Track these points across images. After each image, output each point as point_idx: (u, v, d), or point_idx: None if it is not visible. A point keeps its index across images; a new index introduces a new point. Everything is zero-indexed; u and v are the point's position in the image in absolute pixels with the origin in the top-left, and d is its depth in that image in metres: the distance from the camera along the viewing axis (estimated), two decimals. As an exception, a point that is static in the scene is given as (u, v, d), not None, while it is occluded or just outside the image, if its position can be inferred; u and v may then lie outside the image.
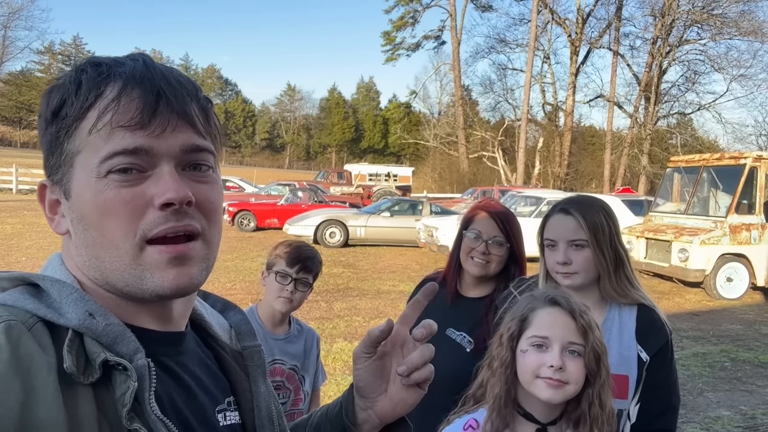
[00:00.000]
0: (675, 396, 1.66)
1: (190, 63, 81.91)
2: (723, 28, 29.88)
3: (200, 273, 0.68)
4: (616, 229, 1.67)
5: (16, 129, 61.76)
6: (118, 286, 0.66)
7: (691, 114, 34.92)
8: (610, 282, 1.63)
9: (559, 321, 1.32)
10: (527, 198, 14.16)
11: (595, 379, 1.30)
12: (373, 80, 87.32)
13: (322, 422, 0.87)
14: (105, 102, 0.65)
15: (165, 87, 0.66)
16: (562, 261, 1.62)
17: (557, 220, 1.67)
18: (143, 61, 0.69)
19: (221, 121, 0.78)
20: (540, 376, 1.28)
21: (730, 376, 5.81)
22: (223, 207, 10.21)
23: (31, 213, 15.74)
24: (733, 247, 9.74)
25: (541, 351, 1.30)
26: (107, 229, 0.65)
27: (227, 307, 0.88)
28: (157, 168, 0.66)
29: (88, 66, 0.67)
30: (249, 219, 15.81)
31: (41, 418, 0.54)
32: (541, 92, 38.97)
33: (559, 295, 1.38)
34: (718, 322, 8.18)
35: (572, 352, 1.29)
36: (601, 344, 1.32)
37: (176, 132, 0.66)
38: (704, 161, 10.94)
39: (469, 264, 1.98)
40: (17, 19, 38.04)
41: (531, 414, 1.33)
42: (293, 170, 66.30)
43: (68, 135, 0.66)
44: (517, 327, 1.36)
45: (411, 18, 45.04)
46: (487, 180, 34.24)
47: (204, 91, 0.73)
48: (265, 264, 2.17)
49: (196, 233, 0.67)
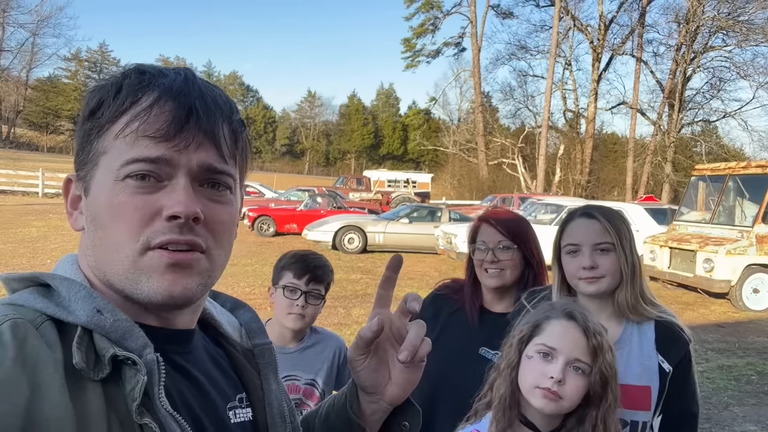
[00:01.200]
0: (696, 404, 1.64)
1: (212, 70, 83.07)
2: (749, 34, 29.38)
3: (197, 286, 0.68)
4: (633, 237, 1.64)
5: (43, 134, 63.14)
6: (117, 287, 0.67)
7: (716, 122, 34.43)
8: (627, 291, 1.58)
9: (570, 335, 1.32)
10: (547, 206, 14.03)
11: (601, 402, 1.29)
12: (392, 87, 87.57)
13: (330, 413, 0.87)
14: (138, 109, 0.66)
15: (199, 104, 0.68)
16: (589, 265, 1.56)
17: (580, 224, 1.62)
18: (185, 75, 0.70)
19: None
20: (539, 386, 1.28)
21: (756, 390, 5.66)
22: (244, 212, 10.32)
23: (57, 216, 16.04)
24: (759, 257, 9.51)
25: (546, 360, 1.31)
26: (114, 232, 0.66)
27: (237, 306, 0.89)
28: (173, 180, 0.67)
29: (132, 73, 0.69)
30: (268, 224, 15.90)
31: (47, 414, 0.55)
32: (562, 99, 38.81)
33: (578, 311, 1.37)
34: (744, 334, 8.00)
35: (576, 369, 1.29)
36: (611, 368, 1.31)
37: (200, 150, 0.68)
38: (730, 170, 10.73)
39: (485, 277, 1.92)
40: (46, 27, 39.06)
41: (532, 422, 1.33)
42: (313, 176, 66.64)
43: (99, 135, 0.68)
44: (529, 332, 1.37)
45: (431, 25, 45.19)
46: (506, 187, 34.06)
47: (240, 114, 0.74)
48: (271, 279, 1.97)
49: (199, 248, 0.68)
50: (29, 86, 54.26)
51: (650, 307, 1.62)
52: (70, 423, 0.56)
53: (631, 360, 1.57)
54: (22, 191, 23.04)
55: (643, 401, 1.54)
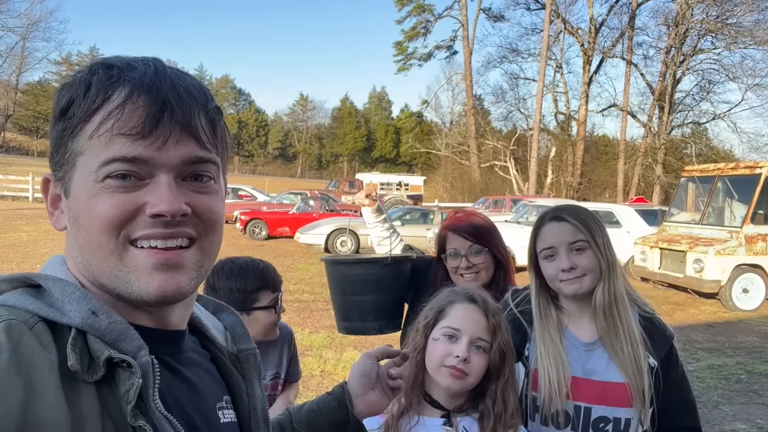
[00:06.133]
0: (691, 393, 1.68)
1: (204, 73, 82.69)
2: (737, 37, 29.61)
3: (190, 281, 0.68)
4: (606, 232, 1.65)
5: (33, 138, 62.70)
6: (109, 287, 0.66)
7: (705, 123, 34.59)
8: (604, 288, 1.58)
9: (472, 316, 1.42)
10: (539, 207, 14.09)
11: (500, 376, 1.40)
12: (385, 90, 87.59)
13: (315, 418, 0.92)
14: (110, 107, 0.65)
15: (172, 97, 0.66)
16: (568, 266, 1.57)
17: (552, 228, 1.63)
18: (155, 66, 0.68)
19: (234, 131, 0.78)
20: (445, 365, 1.38)
21: (746, 389, 5.71)
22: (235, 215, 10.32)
23: (47, 221, 15.82)
24: (748, 257, 9.60)
25: (451, 342, 1.40)
26: (95, 231, 0.65)
27: (219, 309, 0.88)
28: (155, 177, 0.66)
29: (99, 68, 0.67)
30: (261, 227, 15.86)
31: (42, 416, 0.55)
32: (553, 101, 38.93)
33: (478, 294, 1.48)
34: (734, 333, 8.05)
35: (478, 347, 1.40)
36: (507, 345, 1.42)
37: (179, 144, 0.66)
38: (719, 171, 10.82)
39: (462, 282, 1.99)
40: (35, 31, 38.73)
41: (437, 401, 1.42)
42: (305, 179, 66.49)
43: (73, 135, 0.66)
44: (434, 317, 1.47)
45: (423, 28, 45.25)
46: (498, 189, 34.13)
47: (217, 101, 0.73)
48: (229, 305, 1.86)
49: (189, 236, 0.67)
50: (19, 90, 53.81)
51: (630, 304, 1.63)
52: (65, 425, 0.55)
53: (612, 357, 1.58)
54: (12, 196, 22.88)
55: (623, 398, 1.55)
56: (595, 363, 1.60)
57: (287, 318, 7.23)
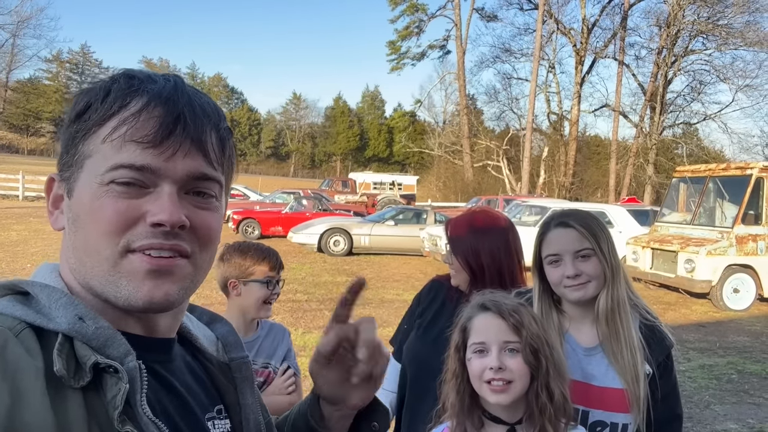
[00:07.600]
0: (679, 405, 1.67)
1: (196, 71, 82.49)
2: (728, 38, 29.84)
3: (179, 292, 0.68)
4: (611, 238, 1.66)
5: (23, 136, 62.24)
6: (98, 290, 0.66)
7: (696, 124, 34.81)
8: (607, 294, 1.59)
9: (491, 324, 1.39)
10: (532, 207, 14.12)
11: (538, 371, 1.36)
12: (378, 89, 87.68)
13: (297, 420, 0.91)
14: (126, 114, 0.66)
15: (187, 111, 0.68)
16: (573, 273, 1.58)
17: (558, 234, 1.63)
18: (175, 82, 0.70)
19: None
20: (484, 381, 1.34)
21: (737, 389, 5.75)
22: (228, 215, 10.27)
23: (37, 220, 15.81)
24: (739, 257, 9.68)
25: (483, 356, 1.37)
26: (94, 234, 0.66)
27: (214, 319, 0.88)
28: (158, 187, 0.66)
29: (121, 77, 0.69)
30: (253, 227, 15.81)
31: (28, 422, 0.55)
32: (546, 102, 39.00)
33: (488, 300, 1.44)
34: (725, 333, 8.11)
35: (510, 351, 1.35)
36: (536, 337, 1.38)
37: (187, 158, 0.67)
38: (710, 171, 10.90)
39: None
40: (26, 28, 38.44)
41: (498, 417, 1.38)
42: (298, 178, 66.45)
43: (85, 138, 0.68)
44: (460, 337, 1.44)
45: (416, 27, 45.22)
46: (491, 189, 34.22)
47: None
48: (224, 274, 1.99)
49: (185, 253, 0.67)
50: (9, 88, 53.42)
51: (633, 310, 1.64)
52: (52, 431, 0.55)
53: (612, 363, 1.58)
54: (2, 194, 22.68)
55: (621, 403, 1.55)
56: (595, 368, 1.60)
57: (281, 318, 7.23)
